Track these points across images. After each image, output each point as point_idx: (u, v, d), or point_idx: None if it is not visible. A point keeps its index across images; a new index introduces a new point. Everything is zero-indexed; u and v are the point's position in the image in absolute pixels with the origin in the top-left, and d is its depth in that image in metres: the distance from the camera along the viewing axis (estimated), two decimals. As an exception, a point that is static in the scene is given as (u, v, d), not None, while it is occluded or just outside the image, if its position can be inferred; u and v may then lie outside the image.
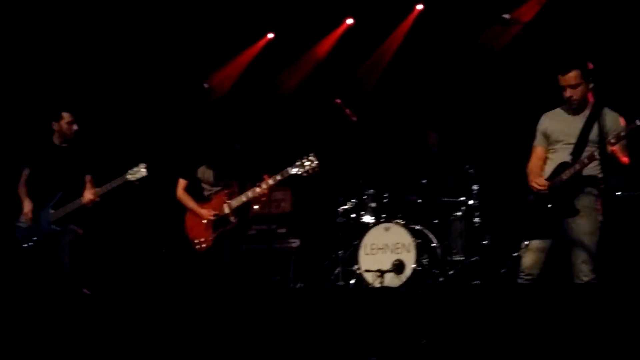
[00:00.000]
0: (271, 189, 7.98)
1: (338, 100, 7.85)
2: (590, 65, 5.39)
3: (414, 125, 8.77)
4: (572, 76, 5.33)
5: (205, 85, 6.97)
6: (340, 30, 9.48)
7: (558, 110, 5.58)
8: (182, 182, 6.75)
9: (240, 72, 9.66)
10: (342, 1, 9.25)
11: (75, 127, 6.79)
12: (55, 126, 6.80)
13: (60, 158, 6.78)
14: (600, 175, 5.32)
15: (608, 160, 5.18)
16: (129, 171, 6.51)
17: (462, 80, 8.48)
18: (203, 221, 6.56)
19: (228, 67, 9.57)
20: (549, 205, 5.34)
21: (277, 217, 8.82)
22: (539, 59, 7.67)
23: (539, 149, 5.63)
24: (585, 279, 5.18)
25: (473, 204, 7.57)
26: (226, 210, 6.51)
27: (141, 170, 6.48)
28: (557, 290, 4.80)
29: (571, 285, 5.16)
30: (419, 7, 9.09)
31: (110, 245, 8.64)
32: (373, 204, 7.86)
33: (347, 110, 7.87)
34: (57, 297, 6.03)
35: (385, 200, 7.90)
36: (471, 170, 7.56)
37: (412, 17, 9.14)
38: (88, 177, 6.76)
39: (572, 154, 5.36)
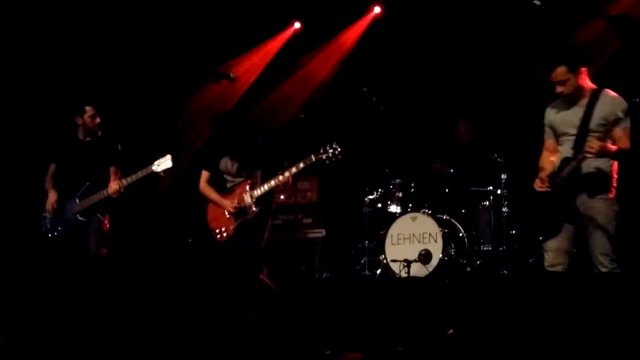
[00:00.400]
0: (297, 178, 8.06)
1: (366, 90, 7.81)
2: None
3: (442, 114, 8.69)
4: (559, 73, 5.26)
5: (231, 75, 6.93)
6: (368, 18, 9.41)
7: (559, 101, 5.49)
8: (204, 174, 6.78)
9: (266, 61, 9.62)
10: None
11: (98, 120, 6.82)
12: (79, 120, 6.85)
13: (85, 152, 6.83)
14: (607, 168, 5.23)
15: (601, 156, 5.09)
16: (155, 162, 6.53)
17: (492, 68, 8.38)
18: (225, 212, 6.57)
19: (253, 56, 9.53)
20: (556, 205, 5.27)
21: (303, 207, 8.81)
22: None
23: (548, 142, 5.58)
24: (605, 270, 5.09)
25: (501, 193, 7.50)
26: (247, 200, 6.51)
27: (167, 162, 6.49)
28: (585, 280, 4.74)
29: (596, 276, 5.07)
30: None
31: (137, 236, 8.68)
32: (399, 194, 7.82)
33: (374, 100, 7.83)
34: (85, 284, 6.08)
35: (412, 190, 7.84)
36: (500, 159, 7.47)
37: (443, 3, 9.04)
38: (113, 169, 6.79)
39: (574, 146, 5.28)
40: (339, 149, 6.27)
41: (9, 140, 8.25)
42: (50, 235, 6.77)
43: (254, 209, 6.48)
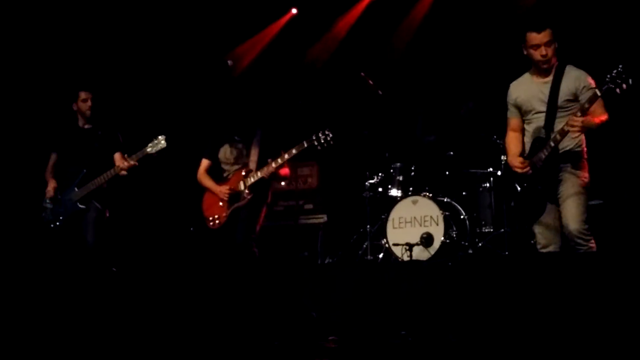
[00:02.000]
0: (297, 164, 8.07)
1: (363, 74, 7.79)
2: None
3: (439, 96, 8.67)
4: (547, 33, 5.22)
5: (229, 62, 6.93)
6: (364, 2, 9.38)
7: (524, 78, 5.48)
8: (204, 163, 6.78)
9: (262, 47, 9.59)
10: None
11: (89, 103, 6.80)
12: (74, 107, 6.85)
13: (84, 139, 6.83)
14: (578, 140, 5.24)
15: (583, 131, 5.11)
16: (149, 144, 6.54)
17: (490, 49, 8.35)
18: (219, 200, 6.58)
19: (251, 43, 9.51)
20: (539, 187, 5.29)
21: (304, 193, 8.81)
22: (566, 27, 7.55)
23: (513, 121, 5.56)
24: (582, 250, 5.09)
25: (501, 174, 7.49)
26: (241, 186, 6.52)
27: (161, 143, 6.50)
28: (586, 260, 4.74)
29: (597, 256, 5.07)
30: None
31: (138, 224, 8.68)
32: (400, 177, 7.81)
33: (372, 83, 7.81)
34: (82, 274, 6.08)
35: (412, 173, 7.84)
36: (499, 141, 7.46)
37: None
38: (118, 155, 6.79)
39: (545, 125, 5.27)
40: (331, 135, 6.29)
41: (10, 130, 8.23)
42: (52, 225, 6.77)
43: (247, 194, 6.48)
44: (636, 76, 4.76)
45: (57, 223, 6.75)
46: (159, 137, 6.53)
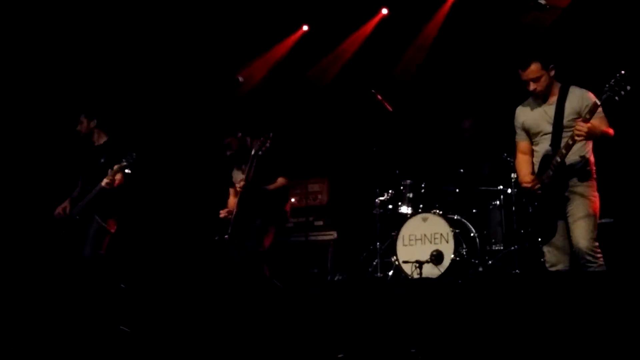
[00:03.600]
0: (308, 181, 8.15)
1: (374, 91, 7.82)
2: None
3: (449, 114, 8.69)
4: (532, 70, 5.27)
5: (240, 78, 6.96)
6: (375, 20, 9.42)
7: (529, 101, 5.53)
8: (230, 191, 7.05)
9: (273, 64, 9.64)
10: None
11: (93, 124, 6.91)
12: (81, 129, 6.97)
13: (94, 156, 6.91)
14: (586, 158, 5.27)
15: (589, 138, 5.15)
16: (123, 159, 6.57)
17: (497, 67, 8.38)
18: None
19: (261, 60, 9.55)
20: (549, 206, 5.30)
21: (314, 209, 8.82)
22: (574, 45, 7.57)
23: (522, 144, 5.60)
24: (591, 268, 5.09)
25: (511, 192, 7.48)
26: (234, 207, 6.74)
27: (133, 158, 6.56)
28: (596, 279, 4.72)
29: (608, 275, 5.06)
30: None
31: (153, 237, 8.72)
32: (410, 195, 7.81)
33: (383, 101, 7.83)
34: (77, 287, 6.12)
35: (422, 191, 7.84)
36: (509, 159, 7.46)
37: (448, 5, 9.04)
38: (116, 167, 6.82)
39: (551, 144, 5.30)
40: (270, 137, 6.46)
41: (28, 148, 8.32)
42: (57, 239, 6.82)
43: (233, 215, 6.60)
44: (636, 86, 4.81)
45: (59, 237, 6.82)
46: (132, 153, 6.57)
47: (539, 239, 5.41)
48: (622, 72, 4.86)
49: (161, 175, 8.68)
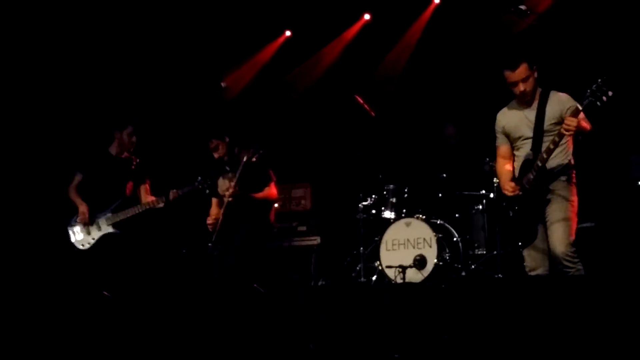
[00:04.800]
0: (291, 186, 8.15)
1: (357, 96, 7.84)
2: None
3: (431, 119, 8.73)
4: (522, 69, 5.29)
5: (222, 84, 6.97)
6: (357, 25, 9.44)
7: (510, 106, 5.55)
8: (213, 201, 6.97)
9: (257, 70, 9.63)
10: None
11: (134, 139, 7.00)
12: (117, 135, 6.99)
13: (119, 168, 6.98)
14: (566, 162, 5.30)
15: (579, 134, 5.16)
16: (195, 182, 6.71)
17: (479, 73, 8.43)
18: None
19: (245, 66, 9.54)
20: (530, 210, 5.33)
21: (297, 215, 8.82)
22: (554, 50, 7.63)
23: (502, 148, 5.62)
24: (570, 273, 5.13)
25: (494, 196, 7.52)
26: (220, 215, 6.71)
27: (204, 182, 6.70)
28: (580, 282, 4.75)
29: (590, 279, 5.10)
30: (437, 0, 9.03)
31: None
32: (393, 199, 7.83)
33: (365, 105, 7.85)
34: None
35: (405, 196, 7.86)
36: (491, 163, 7.50)
37: (430, 10, 9.08)
38: (143, 187, 7.03)
39: (532, 148, 5.33)
40: (260, 148, 6.46)
41: (36, 146, 8.29)
42: (82, 246, 6.85)
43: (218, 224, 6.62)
44: (618, 91, 4.84)
45: (88, 245, 6.83)
46: (200, 177, 6.69)
47: (519, 243, 5.44)
48: (604, 77, 4.89)
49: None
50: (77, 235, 6.89)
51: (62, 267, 7.25)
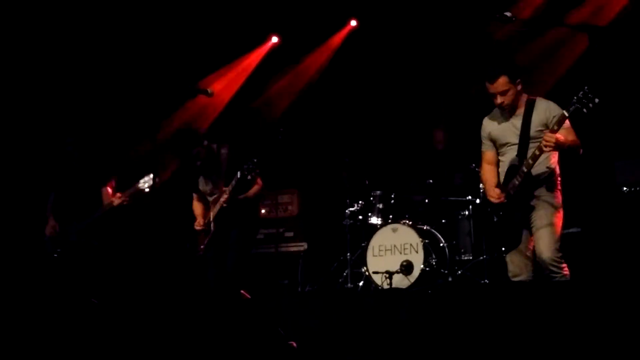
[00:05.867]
0: (277, 192, 8.12)
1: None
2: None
3: (419, 125, 8.74)
4: (500, 83, 5.32)
5: (209, 90, 6.95)
6: (344, 31, 9.46)
7: (496, 112, 5.56)
8: (194, 196, 6.93)
9: (245, 75, 9.61)
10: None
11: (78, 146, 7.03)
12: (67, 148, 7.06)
13: (79, 175, 7.02)
14: (552, 168, 5.33)
15: (558, 149, 5.19)
16: (140, 180, 6.67)
17: (466, 78, 8.45)
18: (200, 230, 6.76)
19: (232, 71, 9.52)
20: (515, 215, 5.35)
21: (284, 221, 8.82)
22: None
23: (488, 154, 5.65)
24: (556, 278, 5.15)
25: (480, 202, 7.54)
26: (210, 217, 6.64)
27: (150, 180, 6.61)
28: (567, 288, 4.77)
29: (576, 284, 5.11)
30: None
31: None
32: (380, 205, 7.84)
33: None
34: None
35: (392, 201, 7.87)
36: (477, 169, 7.52)
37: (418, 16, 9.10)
38: (105, 190, 6.98)
39: (518, 154, 5.36)
40: (255, 164, 6.37)
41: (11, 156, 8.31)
42: (55, 255, 6.95)
43: (212, 226, 6.61)
44: (604, 99, 4.86)
45: (56, 254, 6.92)
46: (150, 174, 6.62)
47: (503, 249, 5.46)
48: (590, 84, 4.91)
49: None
50: (51, 243, 7.00)
51: (37, 274, 7.26)
